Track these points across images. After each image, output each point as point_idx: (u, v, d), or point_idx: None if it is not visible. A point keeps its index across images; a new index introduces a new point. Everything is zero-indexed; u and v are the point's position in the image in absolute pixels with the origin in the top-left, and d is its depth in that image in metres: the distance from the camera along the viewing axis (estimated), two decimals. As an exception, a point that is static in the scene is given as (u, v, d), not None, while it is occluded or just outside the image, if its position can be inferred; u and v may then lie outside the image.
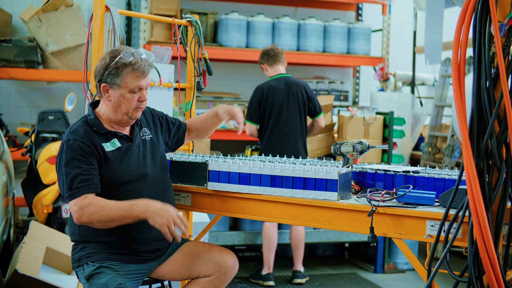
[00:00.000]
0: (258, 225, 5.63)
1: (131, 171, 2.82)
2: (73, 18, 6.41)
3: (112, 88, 2.79)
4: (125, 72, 2.76)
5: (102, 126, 2.83)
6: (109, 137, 2.83)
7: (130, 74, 2.77)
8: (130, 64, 2.76)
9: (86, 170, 2.69)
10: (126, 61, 2.76)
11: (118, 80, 2.76)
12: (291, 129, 5.22)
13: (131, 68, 2.76)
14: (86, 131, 2.78)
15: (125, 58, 2.76)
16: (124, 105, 2.80)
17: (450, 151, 6.46)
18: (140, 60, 2.79)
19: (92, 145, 2.74)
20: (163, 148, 3.06)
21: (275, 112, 5.21)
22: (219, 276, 2.94)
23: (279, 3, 7.73)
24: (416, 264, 2.63)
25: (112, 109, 2.82)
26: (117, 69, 2.76)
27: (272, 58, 5.31)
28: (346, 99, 7.71)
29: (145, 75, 2.81)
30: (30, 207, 5.53)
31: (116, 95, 2.79)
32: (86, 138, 2.75)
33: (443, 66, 6.95)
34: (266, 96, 5.22)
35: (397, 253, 5.84)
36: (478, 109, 2.41)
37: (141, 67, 2.78)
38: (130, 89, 2.78)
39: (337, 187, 2.75)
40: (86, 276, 2.77)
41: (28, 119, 6.91)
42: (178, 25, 3.81)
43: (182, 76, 3.96)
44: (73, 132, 2.76)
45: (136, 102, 2.81)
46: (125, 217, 2.67)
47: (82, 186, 2.67)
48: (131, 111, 2.82)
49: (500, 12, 2.40)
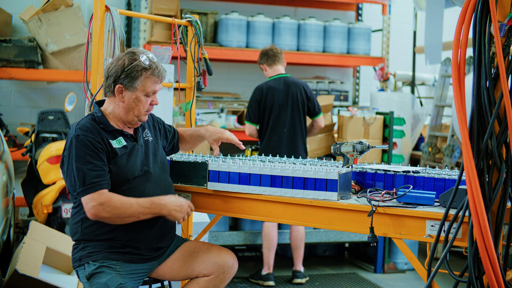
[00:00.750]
0: (258, 225, 5.63)
1: (136, 169, 2.84)
2: (73, 18, 6.41)
3: (127, 90, 2.82)
4: (144, 76, 2.80)
5: (109, 123, 2.86)
6: (116, 135, 2.85)
7: (149, 78, 2.82)
8: (150, 68, 2.81)
9: (98, 166, 2.71)
10: (146, 65, 2.80)
11: (136, 83, 2.80)
12: (290, 129, 5.21)
13: (151, 73, 2.81)
14: (94, 127, 2.80)
15: (144, 62, 2.80)
16: (137, 108, 2.84)
17: (450, 151, 6.46)
18: (158, 65, 2.85)
19: (101, 141, 2.77)
20: (162, 150, 3.08)
21: (274, 113, 5.21)
22: (218, 276, 2.94)
23: (279, 3, 7.73)
24: (416, 264, 2.63)
25: (124, 110, 2.85)
26: (136, 73, 2.80)
27: (271, 58, 5.30)
28: (346, 99, 7.72)
29: (162, 80, 2.88)
30: (30, 207, 5.53)
31: (131, 97, 2.82)
32: (96, 134, 2.77)
33: (443, 66, 6.95)
34: (266, 97, 5.22)
35: (397, 253, 5.84)
36: (478, 109, 2.41)
37: (160, 72, 2.85)
38: (146, 93, 2.83)
39: (337, 187, 2.75)
40: (87, 275, 2.78)
41: (28, 119, 6.92)
42: (178, 25, 3.81)
43: (182, 76, 3.96)
44: (82, 128, 2.77)
45: (148, 106, 2.86)
46: (144, 213, 2.74)
47: (97, 181, 2.69)
48: (142, 114, 2.86)
49: (500, 12, 2.40)
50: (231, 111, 6.87)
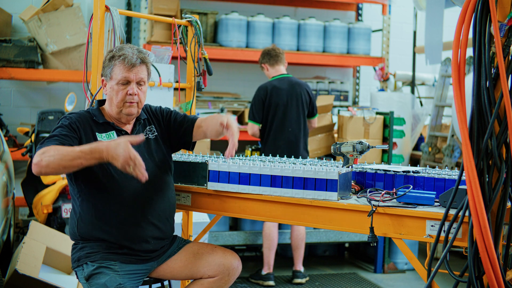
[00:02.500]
0: (258, 225, 5.63)
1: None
2: (73, 18, 6.41)
3: (106, 81, 2.87)
4: (114, 63, 2.82)
5: (102, 116, 2.88)
6: (107, 129, 2.87)
7: (118, 65, 2.81)
8: (119, 56, 2.81)
9: (63, 135, 2.70)
10: (116, 53, 2.82)
11: (109, 71, 2.83)
12: (294, 129, 5.24)
13: (120, 60, 2.81)
14: (82, 116, 2.85)
15: (116, 51, 2.83)
16: (114, 98, 2.83)
17: (450, 151, 6.46)
18: (130, 53, 2.81)
19: (81, 128, 2.79)
20: (168, 148, 3.05)
21: (279, 112, 5.22)
22: (223, 277, 2.94)
23: (279, 3, 7.73)
24: (416, 264, 2.63)
25: (108, 102, 2.88)
26: (109, 61, 2.84)
27: (274, 58, 5.31)
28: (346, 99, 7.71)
29: (134, 68, 2.81)
30: (30, 207, 5.53)
31: (108, 88, 2.85)
32: (79, 120, 2.81)
33: (443, 66, 6.95)
34: (270, 96, 5.23)
35: (397, 253, 5.84)
36: (478, 109, 2.41)
37: (128, 58, 2.80)
38: (117, 81, 2.81)
39: (337, 187, 2.75)
40: (86, 276, 2.77)
41: (28, 119, 6.91)
42: (178, 25, 3.81)
43: (182, 76, 3.96)
44: (71, 113, 2.86)
45: (126, 96, 2.82)
46: (86, 158, 2.53)
47: (49, 141, 2.66)
48: (122, 105, 2.83)
49: (500, 12, 2.40)
50: (231, 111, 6.86)
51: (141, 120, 2.96)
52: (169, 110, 3.11)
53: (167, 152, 3.04)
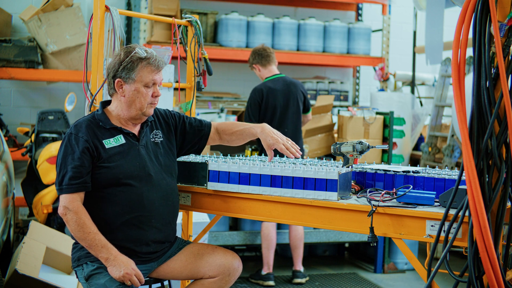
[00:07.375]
0: (258, 225, 5.63)
1: (134, 170, 2.81)
2: (73, 18, 6.41)
3: (126, 83, 2.82)
4: (140, 66, 2.80)
5: (109, 121, 2.86)
6: (114, 133, 2.85)
7: (145, 68, 2.80)
8: (145, 58, 2.81)
9: (76, 167, 2.72)
10: (141, 56, 2.80)
11: (133, 74, 2.80)
12: (293, 129, 5.24)
13: (146, 62, 2.81)
14: (89, 127, 2.81)
15: (139, 53, 2.80)
16: (138, 100, 2.82)
17: (450, 151, 6.46)
18: (154, 55, 2.84)
19: (91, 141, 2.77)
20: (174, 152, 3.04)
21: (277, 114, 5.20)
22: (223, 278, 2.94)
23: (279, 3, 7.73)
24: (416, 264, 2.63)
25: (126, 105, 2.84)
26: (132, 63, 2.80)
27: (265, 58, 5.26)
28: (346, 99, 7.72)
29: (159, 70, 2.85)
30: (30, 207, 5.53)
31: (130, 90, 2.81)
32: (88, 134, 2.78)
33: (443, 66, 6.96)
34: (267, 99, 5.19)
35: (397, 253, 5.84)
36: (478, 109, 2.41)
37: (155, 61, 2.83)
38: (145, 83, 2.81)
39: (337, 187, 2.75)
40: (85, 276, 2.77)
41: (28, 119, 6.92)
42: (178, 25, 3.81)
43: (182, 76, 3.96)
44: (76, 126, 2.82)
45: (150, 98, 2.84)
46: (92, 249, 2.73)
47: (73, 184, 2.72)
48: (145, 107, 2.84)
49: (500, 12, 2.40)
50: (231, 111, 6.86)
51: (148, 122, 2.96)
52: (181, 115, 3.12)
53: (173, 156, 3.03)
